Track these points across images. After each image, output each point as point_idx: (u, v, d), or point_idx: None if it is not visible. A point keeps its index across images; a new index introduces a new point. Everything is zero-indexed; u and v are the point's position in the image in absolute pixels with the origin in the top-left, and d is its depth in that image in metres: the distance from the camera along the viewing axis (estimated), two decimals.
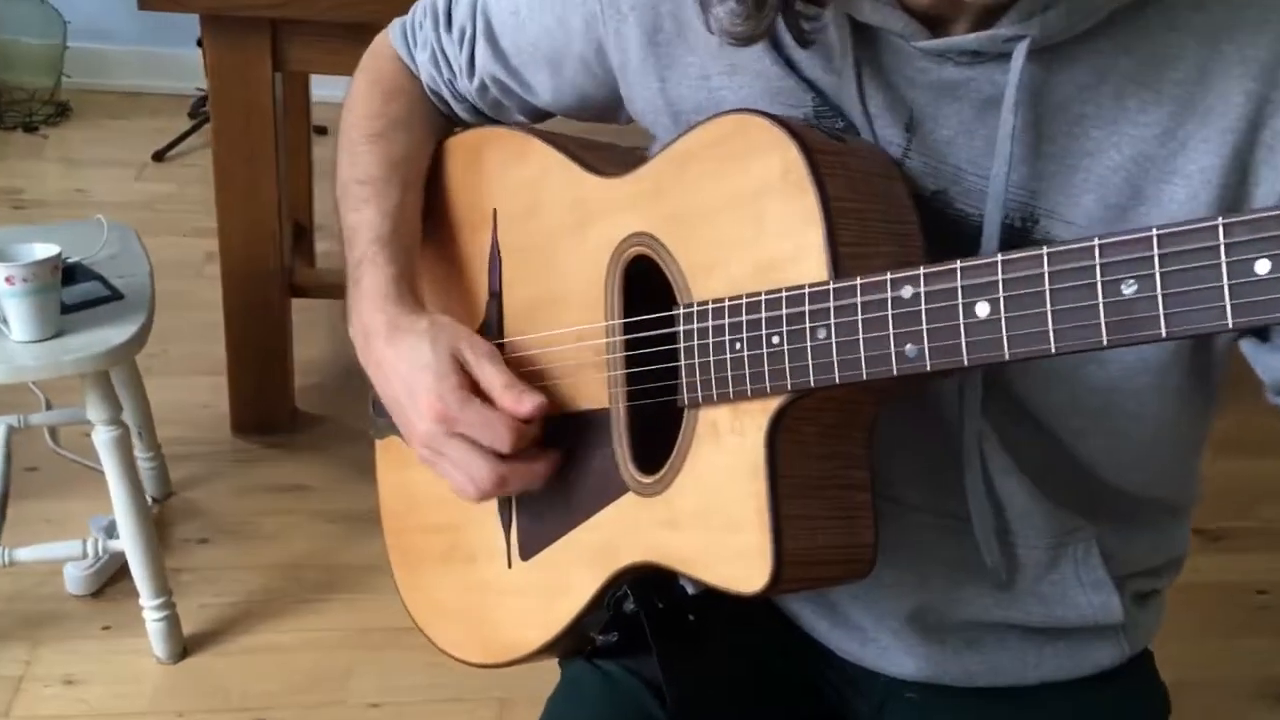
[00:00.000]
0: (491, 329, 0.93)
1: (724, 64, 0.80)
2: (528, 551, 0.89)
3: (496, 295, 0.92)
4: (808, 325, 0.69)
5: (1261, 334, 0.71)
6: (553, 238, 0.88)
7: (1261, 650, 1.92)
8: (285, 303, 2.14)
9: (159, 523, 1.87)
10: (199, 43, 3.24)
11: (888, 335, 0.66)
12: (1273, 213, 0.53)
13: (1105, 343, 0.57)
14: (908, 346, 0.65)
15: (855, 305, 0.67)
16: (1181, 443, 0.84)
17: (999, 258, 0.61)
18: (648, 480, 0.80)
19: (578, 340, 0.85)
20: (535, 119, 0.97)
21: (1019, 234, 0.74)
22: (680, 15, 0.81)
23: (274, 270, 2.08)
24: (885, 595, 0.86)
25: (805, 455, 0.74)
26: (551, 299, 0.87)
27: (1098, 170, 0.72)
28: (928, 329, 0.64)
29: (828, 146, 0.72)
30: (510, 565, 0.91)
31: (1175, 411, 0.78)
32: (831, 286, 0.68)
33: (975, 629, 0.88)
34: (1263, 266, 0.52)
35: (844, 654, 0.91)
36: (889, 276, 0.66)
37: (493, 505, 0.92)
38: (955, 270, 0.63)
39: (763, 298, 0.71)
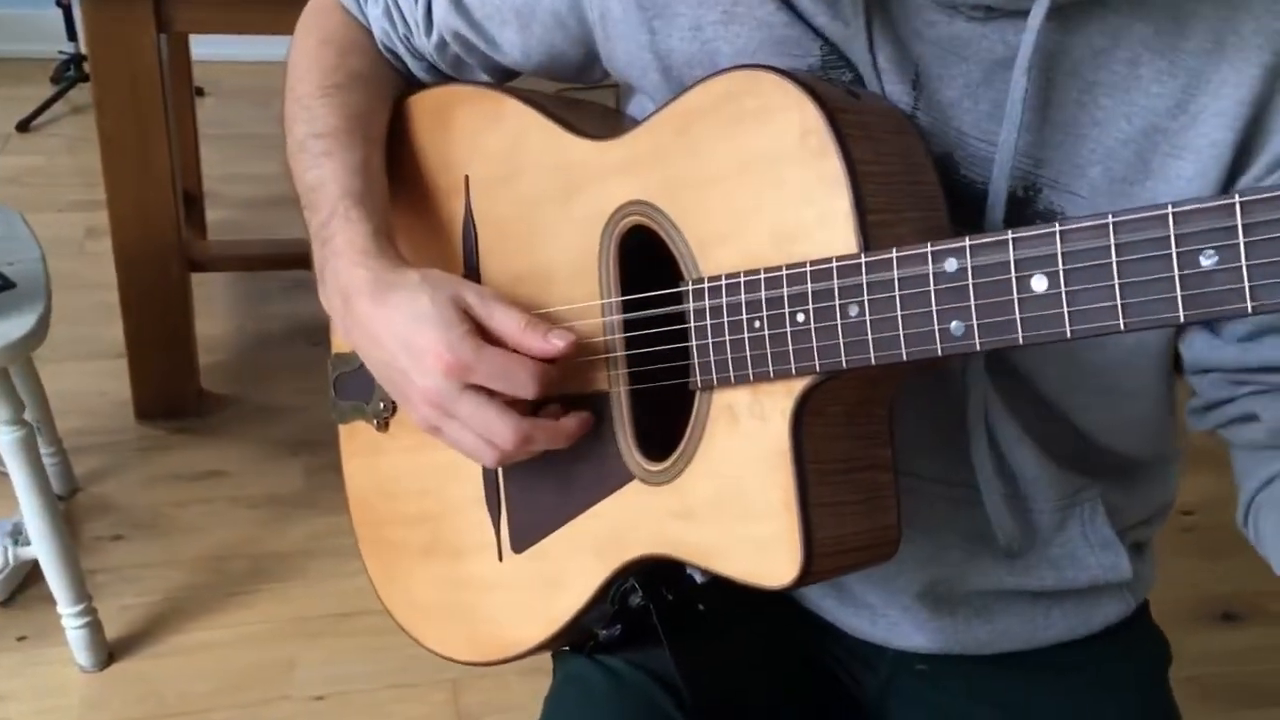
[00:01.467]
0: None
1: (718, 12, 0.74)
2: (520, 544, 0.84)
3: (473, 271, 0.85)
4: (837, 302, 0.65)
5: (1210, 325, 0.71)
6: (535, 207, 0.81)
7: (1194, 571, 1.95)
8: (185, 278, 2.03)
9: (67, 521, 1.75)
10: (59, 2, 3.07)
11: (930, 312, 0.62)
12: None
13: (1181, 318, 0.55)
14: (953, 324, 0.61)
15: (892, 280, 0.63)
16: (1172, 405, 0.82)
17: (1057, 227, 0.58)
18: (656, 468, 0.75)
19: (569, 319, 0.79)
20: (500, 78, 0.89)
21: (1021, 204, 0.71)
22: None
23: (171, 244, 1.96)
24: (897, 572, 0.83)
25: (830, 437, 0.70)
26: (536, 274, 0.81)
27: (1106, 141, 0.69)
28: (976, 305, 0.60)
29: (847, 104, 0.67)
30: (501, 559, 0.85)
31: (1168, 382, 0.77)
32: (864, 260, 0.64)
33: (985, 598, 0.86)
34: None
35: (851, 630, 0.88)
36: (929, 248, 0.62)
37: (479, 494, 0.86)
38: (1007, 241, 0.59)
39: (784, 272, 0.67)
